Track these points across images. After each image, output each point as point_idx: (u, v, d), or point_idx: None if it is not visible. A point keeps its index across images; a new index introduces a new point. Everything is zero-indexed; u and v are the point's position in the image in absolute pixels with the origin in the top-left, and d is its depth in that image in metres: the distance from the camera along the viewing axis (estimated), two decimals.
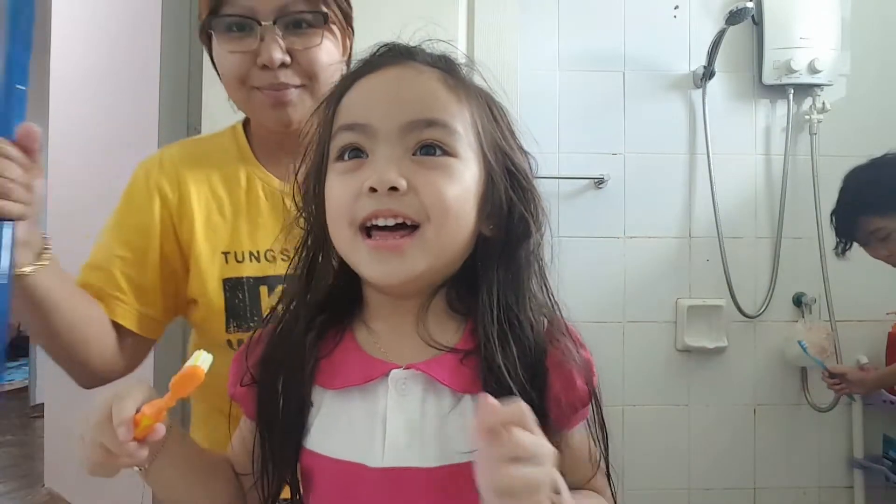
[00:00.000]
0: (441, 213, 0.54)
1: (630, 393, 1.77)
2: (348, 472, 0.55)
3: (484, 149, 0.58)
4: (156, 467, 0.55)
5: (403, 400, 0.55)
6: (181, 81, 1.76)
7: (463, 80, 0.59)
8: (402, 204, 0.53)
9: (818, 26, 1.78)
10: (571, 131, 1.79)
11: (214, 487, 0.60)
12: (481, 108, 0.59)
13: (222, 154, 0.91)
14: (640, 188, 1.82)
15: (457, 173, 0.55)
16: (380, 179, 0.52)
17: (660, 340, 1.82)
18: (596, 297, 1.78)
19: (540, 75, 1.78)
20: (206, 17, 0.82)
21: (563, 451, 0.57)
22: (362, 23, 0.89)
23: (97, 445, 0.49)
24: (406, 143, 0.54)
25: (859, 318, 1.66)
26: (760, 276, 1.83)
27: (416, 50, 0.59)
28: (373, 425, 0.55)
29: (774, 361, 1.83)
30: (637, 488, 1.73)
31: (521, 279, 0.59)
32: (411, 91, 0.56)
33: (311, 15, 0.82)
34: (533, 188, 0.60)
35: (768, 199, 1.84)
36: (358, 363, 0.57)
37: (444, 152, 0.55)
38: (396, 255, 0.54)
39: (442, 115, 0.55)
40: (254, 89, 0.83)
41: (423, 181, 0.53)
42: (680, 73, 1.84)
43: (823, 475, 1.83)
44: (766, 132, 1.85)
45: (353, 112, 0.56)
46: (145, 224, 0.85)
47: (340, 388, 0.56)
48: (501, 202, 0.58)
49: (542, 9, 1.81)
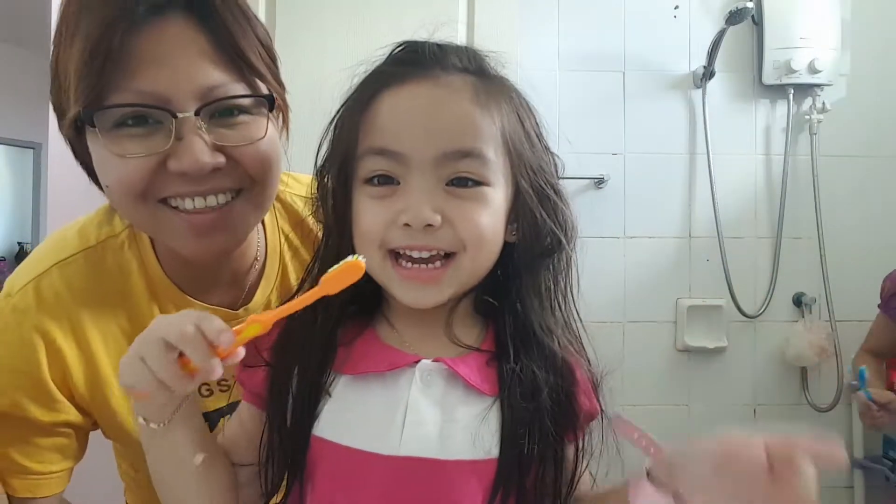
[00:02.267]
0: (476, 244, 0.55)
1: (630, 393, 1.77)
2: (355, 460, 0.55)
3: (514, 166, 0.57)
4: (175, 423, 0.52)
5: (428, 391, 0.56)
6: None
7: (493, 87, 0.57)
8: (436, 239, 0.54)
9: (818, 26, 1.78)
10: (571, 131, 1.78)
11: (216, 470, 0.58)
12: (511, 118, 0.58)
13: (126, 293, 0.67)
14: (640, 188, 1.82)
15: (490, 202, 0.55)
16: (415, 216, 0.52)
17: (660, 340, 1.82)
18: (596, 297, 1.78)
19: (540, 75, 1.78)
20: (82, 110, 0.56)
21: (565, 458, 0.59)
22: (362, 27, 0.89)
23: (166, 364, 0.46)
24: (439, 173, 0.54)
25: (859, 318, 1.65)
26: (760, 276, 1.83)
27: (444, 53, 0.57)
28: (392, 414, 0.55)
29: (774, 361, 1.83)
30: None
31: (551, 289, 0.60)
32: (445, 116, 0.54)
33: (250, 100, 0.61)
34: (560, 198, 0.60)
35: (768, 199, 1.84)
36: (381, 353, 0.58)
37: (476, 182, 0.55)
38: (433, 286, 0.55)
39: (477, 144, 0.54)
40: (162, 205, 0.60)
41: (457, 214, 0.54)
42: (680, 73, 1.84)
43: (823, 475, 1.82)
44: (766, 132, 1.85)
45: (384, 136, 0.55)
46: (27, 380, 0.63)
47: (361, 373, 0.57)
48: (532, 215, 0.58)
49: (542, 9, 1.81)
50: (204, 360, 0.46)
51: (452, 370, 0.56)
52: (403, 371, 0.56)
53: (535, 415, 0.56)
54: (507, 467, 0.55)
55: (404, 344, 0.59)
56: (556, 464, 0.58)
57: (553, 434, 0.57)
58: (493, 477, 0.54)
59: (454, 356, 0.58)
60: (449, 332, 0.59)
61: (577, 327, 0.63)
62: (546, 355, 0.58)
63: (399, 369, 0.56)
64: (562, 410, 0.58)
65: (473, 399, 0.56)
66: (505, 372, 0.57)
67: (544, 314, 0.60)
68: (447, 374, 0.56)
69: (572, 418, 0.59)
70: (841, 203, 1.82)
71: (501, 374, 0.57)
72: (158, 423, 0.52)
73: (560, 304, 0.62)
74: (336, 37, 1.27)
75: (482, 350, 0.59)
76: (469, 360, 0.58)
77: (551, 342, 0.59)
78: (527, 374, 0.57)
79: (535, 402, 0.56)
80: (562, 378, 0.58)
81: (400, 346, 0.58)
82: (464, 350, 0.58)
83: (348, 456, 0.55)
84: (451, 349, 0.58)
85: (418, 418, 0.55)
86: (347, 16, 1.46)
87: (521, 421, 0.55)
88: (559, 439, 0.58)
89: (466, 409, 0.56)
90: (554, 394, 0.57)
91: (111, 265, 0.68)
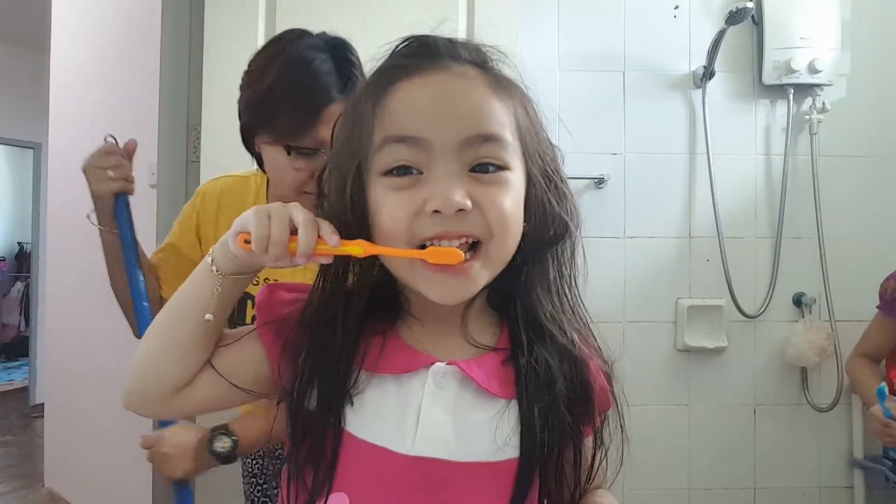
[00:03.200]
0: (503, 229, 0.54)
1: (630, 393, 1.73)
2: (373, 454, 0.55)
3: (526, 153, 0.58)
4: (228, 281, 0.56)
5: (441, 393, 0.56)
6: (181, 81, 1.77)
7: (502, 78, 0.58)
8: (468, 224, 0.53)
9: (818, 26, 1.78)
10: (571, 131, 1.78)
11: (209, 339, 0.59)
12: (520, 106, 0.58)
13: (245, 204, 1.00)
14: (640, 188, 1.82)
15: (511, 185, 0.55)
16: (446, 202, 0.51)
17: (660, 340, 1.82)
18: (596, 297, 1.77)
19: (540, 75, 1.78)
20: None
21: (584, 451, 0.59)
22: (363, 26, 0.89)
23: (283, 227, 0.52)
24: (463, 158, 0.53)
25: (859, 318, 1.65)
26: (760, 276, 1.83)
27: (454, 46, 0.57)
28: (405, 415, 0.55)
29: (774, 361, 1.83)
30: (637, 488, 1.73)
31: (557, 277, 0.60)
32: (465, 102, 0.54)
33: None
34: (566, 186, 0.61)
35: (768, 199, 1.84)
36: (400, 353, 0.58)
37: (497, 168, 0.54)
38: (463, 278, 0.54)
39: (497, 129, 0.54)
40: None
41: (484, 198, 0.53)
42: (680, 73, 1.84)
43: (823, 475, 1.83)
44: (766, 132, 1.85)
45: (403, 123, 0.54)
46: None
47: (379, 373, 0.57)
48: (542, 203, 0.58)
49: (542, 8, 1.81)
50: (309, 243, 0.52)
51: (465, 373, 0.56)
52: (418, 373, 0.56)
53: (552, 407, 0.56)
54: (529, 466, 0.55)
55: (422, 344, 0.59)
56: (575, 456, 0.58)
57: (570, 425, 0.57)
58: (513, 478, 0.55)
59: (471, 356, 0.58)
60: (464, 331, 0.59)
61: (584, 314, 0.63)
62: (558, 344, 0.59)
63: (413, 372, 0.56)
64: (577, 399, 0.58)
65: (487, 401, 0.56)
66: (521, 367, 0.57)
67: (553, 303, 0.60)
68: (460, 377, 0.56)
69: (589, 407, 0.59)
70: (841, 203, 1.82)
71: (518, 371, 0.57)
72: (222, 272, 0.56)
73: (567, 293, 0.62)
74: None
75: (498, 349, 0.59)
76: (484, 361, 0.58)
77: (562, 331, 0.59)
78: (541, 365, 0.57)
79: (551, 394, 0.56)
80: (575, 366, 0.59)
81: (418, 346, 0.58)
82: (480, 350, 0.58)
83: (367, 450, 0.55)
84: (468, 349, 0.58)
85: (431, 420, 0.55)
86: (348, 16, 1.46)
87: (540, 417, 0.55)
88: (577, 430, 0.58)
89: (480, 411, 0.56)
90: (569, 382, 0.57)
91: (243, 187, 1.08)
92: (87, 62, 2.39)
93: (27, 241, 5.32)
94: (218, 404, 0.62)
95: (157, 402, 0.59)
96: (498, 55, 0.60)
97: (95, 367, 2.15)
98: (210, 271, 0.56)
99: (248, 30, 1.51)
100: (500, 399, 0.56)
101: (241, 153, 1.02)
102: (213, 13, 1.54)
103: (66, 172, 2.35)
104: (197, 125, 1.63)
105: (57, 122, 2.57)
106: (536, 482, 0.56)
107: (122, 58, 2.15)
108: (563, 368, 0.58)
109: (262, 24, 1.53)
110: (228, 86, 1.00)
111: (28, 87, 3.95)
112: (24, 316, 5.44)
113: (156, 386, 0.58)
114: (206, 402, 0.61)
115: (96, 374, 2.13)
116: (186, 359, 0.58)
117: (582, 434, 0.59)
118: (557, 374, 0.57)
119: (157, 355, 0.58)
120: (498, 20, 1.55)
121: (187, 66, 1.75)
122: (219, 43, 1.50)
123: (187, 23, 1.76)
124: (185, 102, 1.76)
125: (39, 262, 4.02)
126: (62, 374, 2.54)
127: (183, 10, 1.76)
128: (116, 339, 1.87)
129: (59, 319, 2.61)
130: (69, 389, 2.42)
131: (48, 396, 2.88)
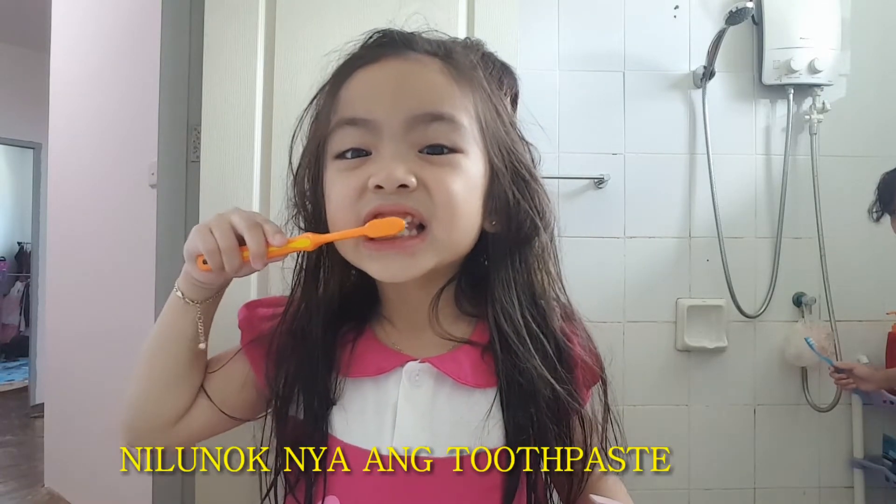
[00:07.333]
0: (449, 211, 0.53)
1: (630, 393, 1.77)
2: (360, 457, 0.55)
3: (488, 143, 0.56)
4: (201, 307, 0.57)
5: (416, 391, 0.56)
6: (181, 81, 1.77)
7: (465, 69, 0.57)
8: (410, 199, 0.52)
9: (818, 26, 1.78)
10: (571, 131, 1.79)
11: (199, 367, 0.60)
12: (484, 99, 0.57)
13: None
14: (640, 188, 1.82)
15: (464, 169, 0.54)
16: (388, 177, 0.51)
17: (660, 340, 1.82)
18: (596, 297, 1.78)
19: (540, 75, 1.78)
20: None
21: (574, 434, 0.59)
22: (363, 27, 0.89)
23: (229, 238, 0.52)
24: (411, 139, 0.53)
25: (859, 318, 1.66)
26: (760, 276, 1.83)
27: (414, 38, 0.58)
28: (382, 415, 0.56)
29: (774, 361, 1.83)
30: (637, 488, 1.73)
31: (532, 275, 0.60)
32: (415, 84, 0.54)
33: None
34: (537, 184, 0.59)
35: (768, 199, 1.84)
36: (375, 355, 0.58)
37: (450, 150, 0.53)
38: (406, 256, 0.53)
39: (447, 109, 0.53)
40: None
41: (431, 177, 0.52)
42: (680, 73, 1.84)
43: (823, 475, 1.83)
44: (766, 132, 1.85)
45: (354, 106, 0.54)
46: None
47: (356, 377, 0.57)
48: (506, 198, 0.57)
49: (542, 8, 1.81)
50: (258, 245, 0.52)
51: (438, 369, 0.56)
52: (393, 373, 0.57)
53: (533, 391, 0.56)
54: (518, 455, 0.55)
55: (396, 344, 0.59)
56: (564, 433, 0.58)
57: (556, 404, 0.57)
58: (501, 466, 0.55)
59: (445, 352, 0.57)
60: (437, 328, 0.59)
61: (566, 301, 0.62)
62: (540, 337, 0.58)
63: (388, 372, 0.56)
64: (560, 377, 0.57)
65: (464, 395, 0.56)
66: (498, 355, 0.56)
67: (533, 299, 0.59)
68: (435, 374, 0.56)
69: (572, 383, 0.59)
70: (841, 203, 1.81)
71: (496, 363, 0.57)
72: (192, 300, 0.56)
73: (547, 287, 0.61)
74: (337, 37, 1.26)
75: (473, 342, 0.58)
76: (459, 354, 0.57)
77: (542, 324, 0.59)
78: (520, 351, 0.56)
79: (533, 385, 0.56)
80: (556, 345, 0.58)
81: (392, 347, 0.58)
82: (455, 344, 0.58)
83: (352, 453, 0.55)
84: (442, 345, 0.58)
85: (406, 418, 0.55)
86: (349, 16, 1.46)
87: (521, 403, 0.55)
88: (563, 408, 0.58)
89: (458, 405, 0.56)
90: (550, 363, 0.57)
91: None
92: (87, 62, 2.39)
93: (27, 241, 5.31)
94: (219, 428, 0.63)
95: (159, 434, 0.60)
96: (466, 50, 0.59)
97: (95, 367, 2.15)
98: (185, 305, 0.56)
99: (249, 30, 1.51)
100: (477, 390, 0.56)
101: (241, 153, 1.02)
102: (213, 13, 1.54)
103: (66, 172, 2.35)
104: (197, 125, 1.62)
105: (57, 122, 2.57)
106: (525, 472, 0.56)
107: (122, 58, 2.15)
108: (543, 350, 0.57)
109: (262, 24, 1.53)
110: (228, 86, 1.00)
111: (28, 87, 3.95)
112: (24, 316, 5.44)
113: (154, 420, 0.60)
114: (209, 427, 0.62)
115: (96, 374, 2.12)
116: (179, 390, 0.59)
117: (569, 411, 0.59)
118: (536, 358, 0.56)
119: (147, 393, 0.59)
120: (498, 20, 1.55)
121: (187, 67, 1.75)
122: (219, 43, 1.50)
123: (187, 23, 1.75)
124: (185, 102, 1.76)
125: (39, 262, 4.02)
126: (62, 374, 2.54)
127: (183, 11, 1.76)
128: (116, 339, 1.87)
129: (59, 319, 2.61)
130: (69, 389, 2.42)
131: (48, 396, 2.88)
